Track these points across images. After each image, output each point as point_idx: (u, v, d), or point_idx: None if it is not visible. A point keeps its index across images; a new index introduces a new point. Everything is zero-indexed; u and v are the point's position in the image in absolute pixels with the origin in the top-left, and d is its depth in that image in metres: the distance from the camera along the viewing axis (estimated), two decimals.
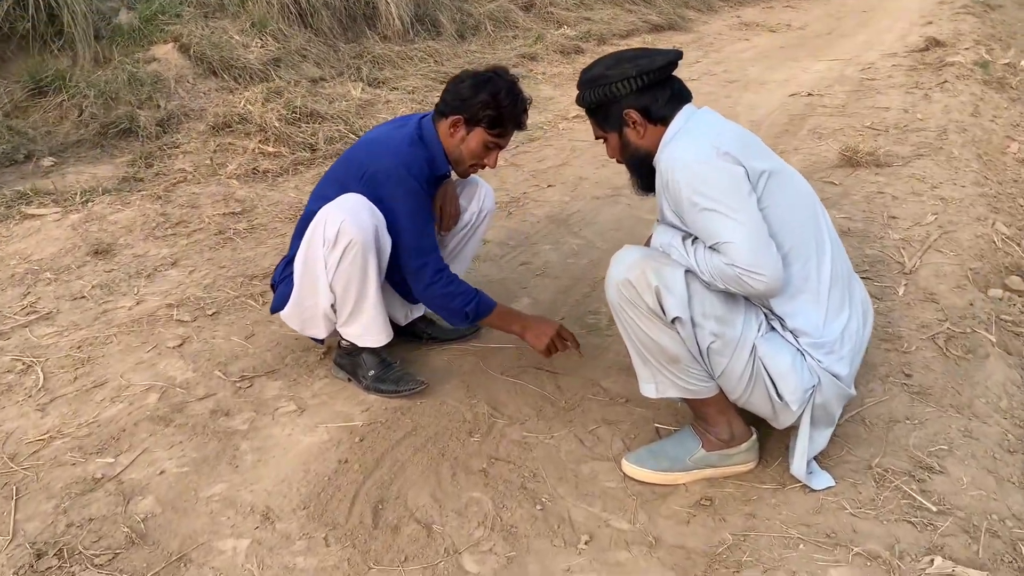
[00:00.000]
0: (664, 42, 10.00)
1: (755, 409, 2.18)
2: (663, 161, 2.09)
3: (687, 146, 2.08)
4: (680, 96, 2.22)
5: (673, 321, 2.05)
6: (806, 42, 10.12)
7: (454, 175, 2.79)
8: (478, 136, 2.56)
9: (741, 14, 12.69)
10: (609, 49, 9.17)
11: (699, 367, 2.13)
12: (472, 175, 2.81)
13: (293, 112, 5.63)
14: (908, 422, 2.44)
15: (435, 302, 2.60)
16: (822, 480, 2.17)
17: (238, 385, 2.79)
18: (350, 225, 2.42)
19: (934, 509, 2.08)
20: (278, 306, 2.73)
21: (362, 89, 6.44)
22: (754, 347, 2.09)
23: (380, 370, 2.72)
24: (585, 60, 8.63)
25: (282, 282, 2.73)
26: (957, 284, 3.36)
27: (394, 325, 2.80)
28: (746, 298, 2.11)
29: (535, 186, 4.95)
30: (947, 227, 3.96)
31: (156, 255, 3.87)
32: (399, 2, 7.81)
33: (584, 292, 3.48)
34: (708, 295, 2.06)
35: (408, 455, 2.40)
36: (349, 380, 2.78)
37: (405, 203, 2.52)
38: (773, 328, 2.13)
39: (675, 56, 2.21)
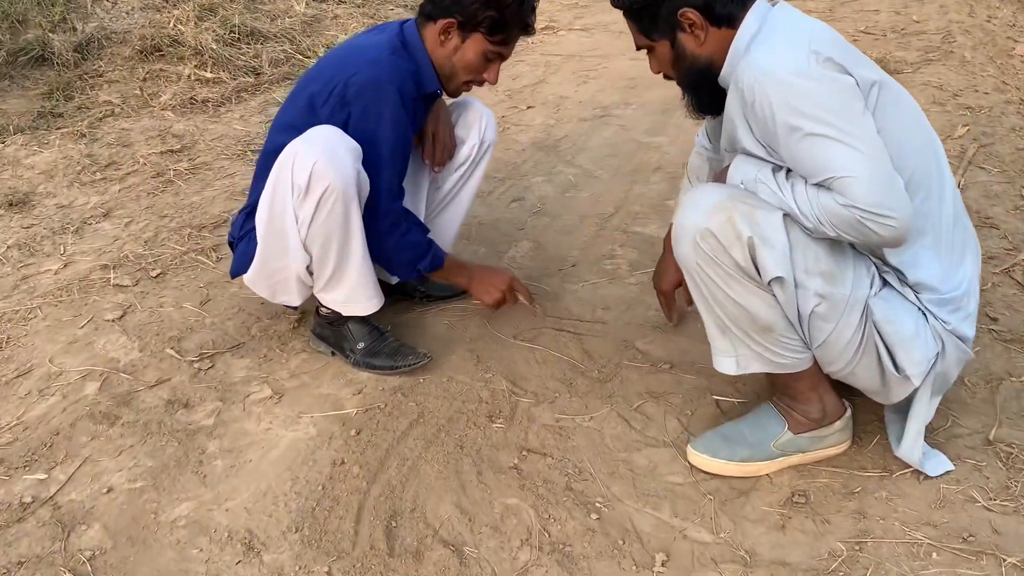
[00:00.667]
0: None
1: (857, 382, 1.77)
2: (745, 74, 1.62)
3: (777, 53, 1.61)
4: None
5: (770, 282, 1.61)
6: None
7: (444, 95, 2.28)
8: (476, 44, 2.04)
9: None
10: None
11: (795, 336, 1.70)
12: (466, 96, 2.30)
13: (231, 32, 4.98)
14: (1013, 379, 2.06)
15: (385, 253, 2.16)
16: (938, 463, 1.78)
17: (196, 366, 2.29)
18: (325, 167, 1.91)
19: None
20: (239, 269, 2.22)
21: (306, 3, 5.75)
22: (867, 309, 1.66)
23: (371, 342, 2.24)
24: None
25: (242, 239, 2.22)
26: (1015, 205, 2.98)
27: (382, 284, 2.32)
28: (853, 247, 1.68)
29: (513, 108, 4.42)
30: (982, 140, 3.56)
31: (84, 205, 3.28)
32: None
33: (592, 232, 3.02)
34: (812, 246, 1.62)
35: (419, 450, 1.95)
36: (333, 354, 2.30)
37: (389, 127, 2.02)
38: (887, 283, 1.70)
39: None
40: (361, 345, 2.23)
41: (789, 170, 1.64)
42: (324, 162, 1.91)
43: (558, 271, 2.75)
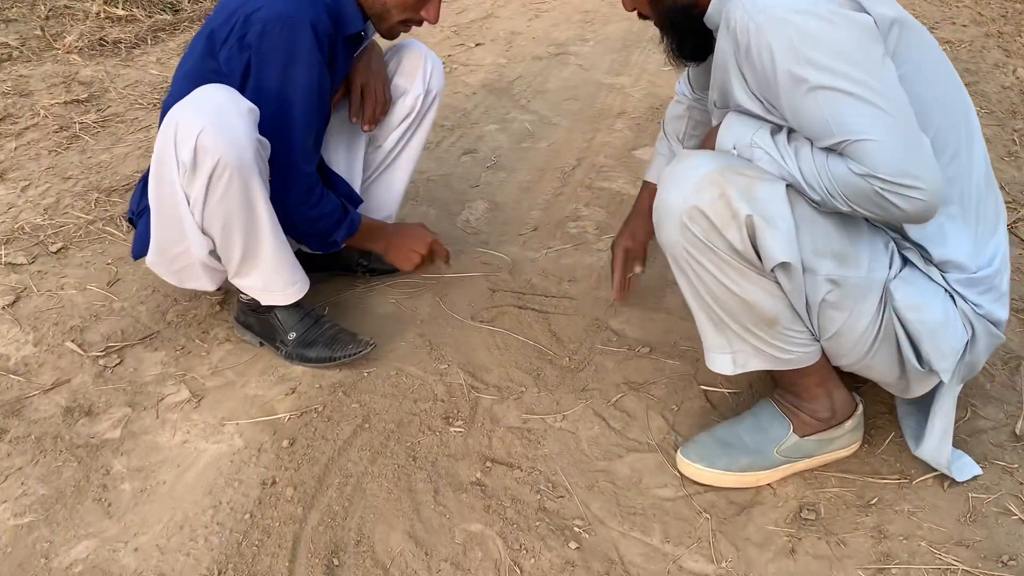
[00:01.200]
0: None
1: (873, 375, 1.53)
2: (737, 12, 1.32)
3: None
4: None
5: (774, 269, 1.35)
6: None
7: (377, 37, 1.95)
8: None
9: None
10: None
11: (802, 328, 1.44)
12: (404, 37, 1.97)
13: None
14: None
15: (298, 226, 1.88)
16: (964, 467, 1.55)
17: (102, 363, 1.96)
18: (213, 138, 1.58)
19: None
20: (140, 251, 1.89)
21: None
22: (886, 293, 1.40)
23: (305, 330, 1.93)
24: None
25: (140, 215, 1.88)
26: (1008, 151, 2.75)
27: (310, 259, 2.02)
28: (868, 221, 1.41)
29: (460, 46, 4.06)
30: (966, 78, 3.31)
31: None
32: None
33: (553, 189, 2.71)
34: (820, 222, 1.36)
35: (364, 464, 1.66)
36: (262, 344, 1.99)
37: (300, 76, 1.69)
38: (907, 262, 1.44)
39: None
40: (293, 335, 1.92)
41: (791, 131, 1.36)
42: (212, 132, 1.57)
43: (517, 236, 2.46)
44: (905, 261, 1.44)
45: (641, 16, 1.58)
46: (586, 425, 1.74)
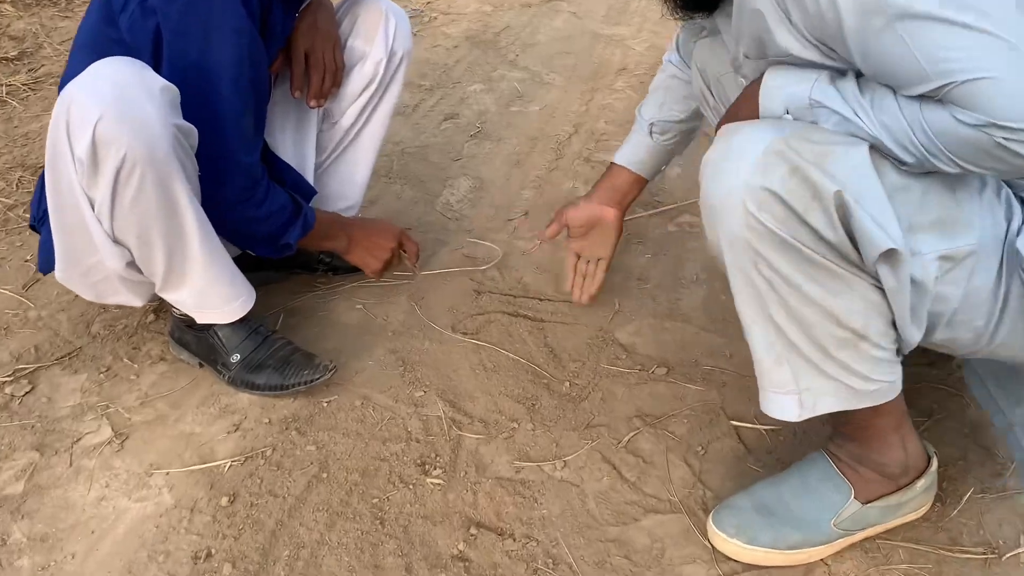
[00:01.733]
0: None
1: (1007, 356, 1.21)
2: None
3: None
4: None
5: (879, 259, 1.03)
6: None
7: None
8: None
9: None
10: None
11: (891, 343, 1.13)
12: None
13: None
14: None
15: (239, 228, 1.54)
16: None
17: (9, 391, 1.63)
18: (116, 127, 1.23)
19: None
20: (46, 264, 1.55)
21: None
22: (1010, 254, 1.09)
23: (251, 350, 1.60)
24: None
25: (43, 222, 1.53)
26: None
27: (253, 263, 1.69)
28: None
29: None
30: None
31: None
32: None
33: (547, 162, 2.37)
34: (912, 187, 1.06)
35: (320, 529, 1.35)
36: (201, 365, 1.66)
37: (226, 43, 1.33)
38: None
39: None
40: (236, 356, 1.59)
41: (860, 76, 1.04)
42: (113, 118, 1.22)
43: (507, 222, 2.12)
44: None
45: None
46: (593, 475, 1.42)
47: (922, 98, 0.97)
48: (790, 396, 1.16)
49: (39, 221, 1.55)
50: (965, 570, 1.24)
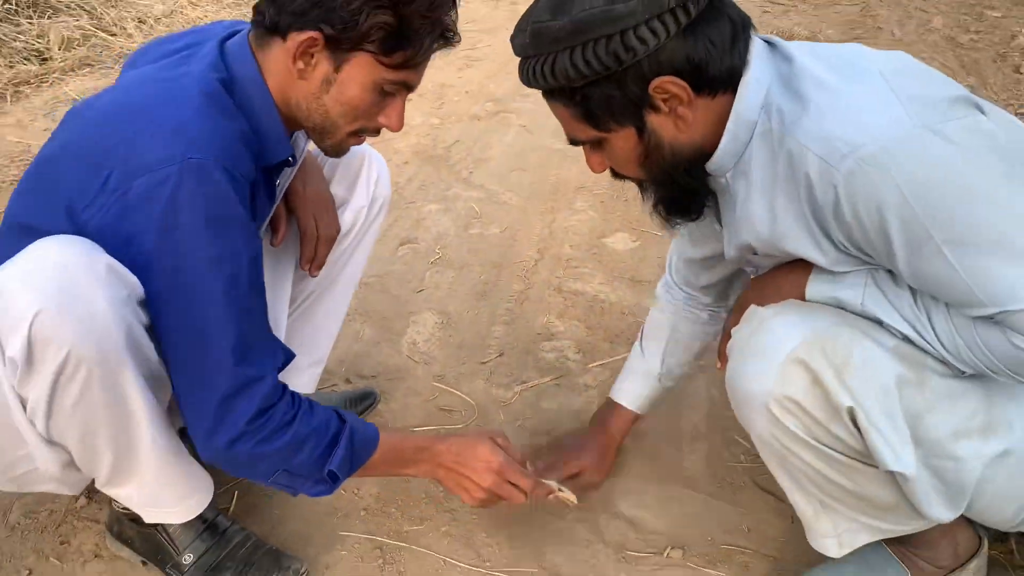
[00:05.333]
0: None
1: None
2: (815, 160, 1.00)
3: (864, 112, 0.99)
4: (745, 28, 1.08)
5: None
6: None
7: (312, 146, 1.40)
8: (363, 70, 1.16)
9: None
10: None
11: None
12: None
13: (6, 2, 3.82)
14: None
15: (257, 468, 1.20)
16: None
17: None
18: (59, 323, 1.02)
19: None
20: None
21: None
22: None
23: (206, 550, 1.36)
24: None
25: None
26: None
27: None
28: None
29: None
30: None
31: None
32: None
33: (516, 292, 2.22)
34: (957, 394, 1.08)
35: None
36: (145, 563, 1.41)
37: (213, 247, 1.09)
38: None
39: None
40: (190, 557, 1.36)
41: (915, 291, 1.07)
42: (54, 313, 1.01)
43: (481, 365, 1.95)
44: None
45: (616, 176, 1.20)
46: None
47: (978, 319, 1.00)
48: (831, 539, 1.21)
49: None
50: None
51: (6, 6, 3.81)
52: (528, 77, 1.09)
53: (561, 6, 1.02)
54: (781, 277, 1.17)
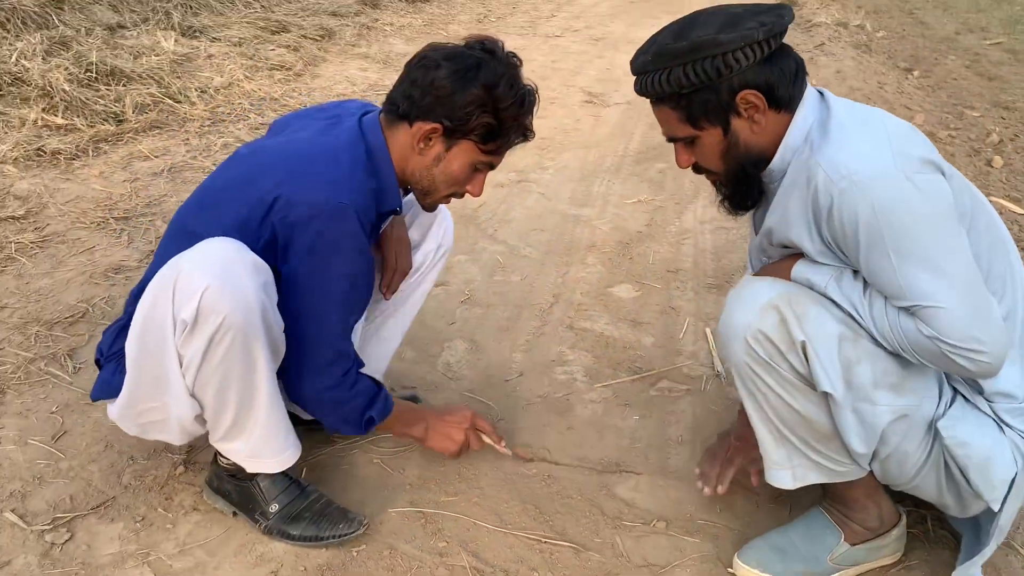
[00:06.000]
0: None
1: (921, 495, 1.61)
2: (821, 177, 1.39)
3: (863, 152, 1.38)
4: (803, 70, 1.51)
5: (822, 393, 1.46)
6: None
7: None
8: (464, 154, 1.62)
9: None
10: None
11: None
12: None
13: (87, 70, 4.33)
14: None
15: (328, 408, 1.69)
16: None
17: (48, 539, 1.71)
18: (220, 296, 1.43)
19: None
20: (101, 394, 1.69)
21: (175, 40, 5.13)
22: (935, 427, 1.49)
23: (289, 502, 1.73)
24: (432, 10, 7.63)
25: (111, 359, 1.67)
26: None
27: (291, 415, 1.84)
28: None
29: None
30: None
31: None
32: None
33: (533, 329, 2.60)
34: (880, 356, 1.44)
35: None
36: (236, 515, 1.78)
37: (345, 265, 1.56)
38: (956, 392, 1.53)
39: (792, 15, 1.47)
40: (275, 507, 1.72)
41: (863, 279, 1.44)
42: (218, 289, 1.43)
43: (504, 382, 2.32)
44: (955, 391, 1.52)
45: (697, 170, 1.59)
46: None
47: (901, 309, 1.36)
48: (786, 471, 1.57)
49: (106, 359, 1.68)
50: None
51: (87, 74, 4.30)
52: (645, 86, 1.49)
53: (682, 33, 1.44)
54: (779, 264, 1.56)
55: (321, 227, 1.50)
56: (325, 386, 1.62)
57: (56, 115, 3.95)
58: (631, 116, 4.89)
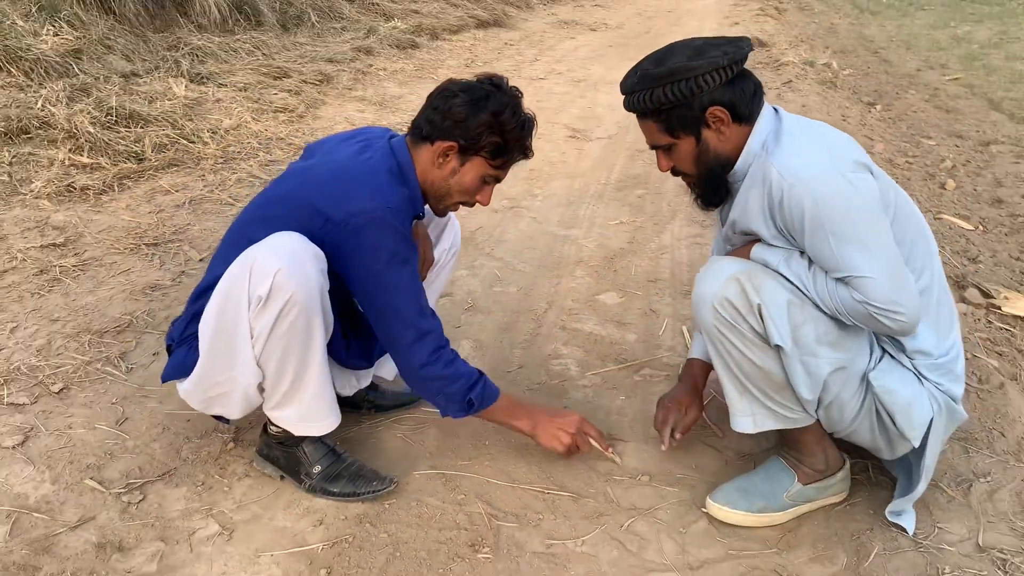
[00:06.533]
0: (493, 39, 9.54)
1: (857, 440, 1.95)
2: (774, 175, 1.73)
3: (807, 156, 1.74)
4: (761, 90, 1.84)
5: (775, 347, 1.79)
6: (630, 40, 10.01)
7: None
8: (476, 168, 1.96)
9: (556, 12, 12.46)
10: (446, 45, 8.63)
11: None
12: None
13: (108, 114, 4.65)
14: (982, 480, 2.10)
15: (429, 386, 1.99)
16: (911, 520, 1.95)
17: (125, 500, 2.01)
18: (289, 277, 1.75)
19: None
20: (173, 375, 1.98)
21: (186, 86, 5.49)
22: (867, 378, 1.82)
23: (329, 464, 2.04)
24: (422, 55, 8.04)
25: (182, 343, 1.98)
26: None
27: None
28: None
29: None
30: None
31: None
32: None
33: (530, 330, 2.93)
34: (822, 319, 1.78)
35: None
36: (283, 478, 2.08)
37: (399, 254, 1.88)
38: (885, 351, 1.85)
39: (750, 46, 1.83)
40: (318, 468, 2.03)
41: (808, 258, 1.76)
42: (287, 271, 1.75)
43: (506, 373, 2.64)
44: (883, 351, 1.84)
45: (675, 173, 1.94)
46: (605, 548, 1.89)
47: (837, 280, 1.70)
48: (746, 417, 1.90)
49: (177, 343, 1.99)
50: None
51: (108, 117, 4.64)
52: (632, 103, 1.84)
53: (661, 60, 1.79)
54: (741, 249, 1.89)
55: (375, 226, 1.83)
56: (419, 363, 1.92)
57: (82, 155, 4.28)
58: (612, 149, 5.27)
